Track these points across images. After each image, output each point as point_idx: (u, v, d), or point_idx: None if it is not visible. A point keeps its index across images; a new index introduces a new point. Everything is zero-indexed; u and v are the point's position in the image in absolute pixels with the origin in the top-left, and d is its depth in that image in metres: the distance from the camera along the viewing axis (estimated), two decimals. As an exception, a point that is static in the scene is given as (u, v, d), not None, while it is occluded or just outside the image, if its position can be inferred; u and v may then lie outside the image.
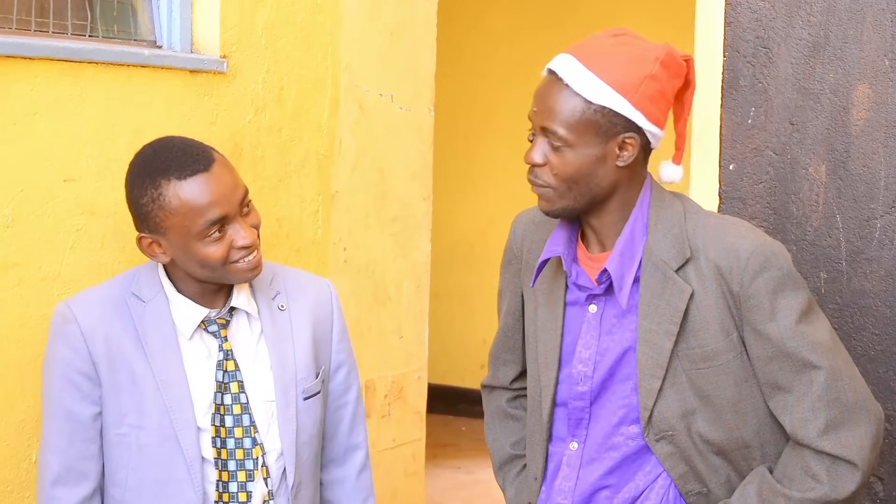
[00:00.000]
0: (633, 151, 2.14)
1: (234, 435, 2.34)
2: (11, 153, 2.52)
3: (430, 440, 4.37)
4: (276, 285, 2.46)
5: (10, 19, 2.65)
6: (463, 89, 6.61)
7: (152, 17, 3.01)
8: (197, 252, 2.27)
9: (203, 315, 2.35)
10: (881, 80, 2.66)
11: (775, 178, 2.77)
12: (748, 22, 2.79)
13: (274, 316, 2.42)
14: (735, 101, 2.81)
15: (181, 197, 2.24)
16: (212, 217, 2.25)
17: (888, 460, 2.68)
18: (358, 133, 3.65)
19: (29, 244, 2.56)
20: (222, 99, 3.04)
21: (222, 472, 2.34)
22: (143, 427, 2.31)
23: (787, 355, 2.11)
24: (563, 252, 2.22)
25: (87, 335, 2.31)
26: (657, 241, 2.17)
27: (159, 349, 2.33)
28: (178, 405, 2.31)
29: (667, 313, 2.15)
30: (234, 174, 2.32)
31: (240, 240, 2.28)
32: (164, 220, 2.26)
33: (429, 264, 4.11)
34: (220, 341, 2.36)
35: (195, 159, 2.27)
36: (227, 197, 2.27)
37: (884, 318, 2.67)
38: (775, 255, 2.14)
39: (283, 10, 3.26)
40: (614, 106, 2.11)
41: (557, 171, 2.13)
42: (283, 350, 2.41)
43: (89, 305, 2.34)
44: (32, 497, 2.59)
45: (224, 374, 2.35)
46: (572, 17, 6.46)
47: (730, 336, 2.15)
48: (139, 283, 2.37)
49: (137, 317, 2.33)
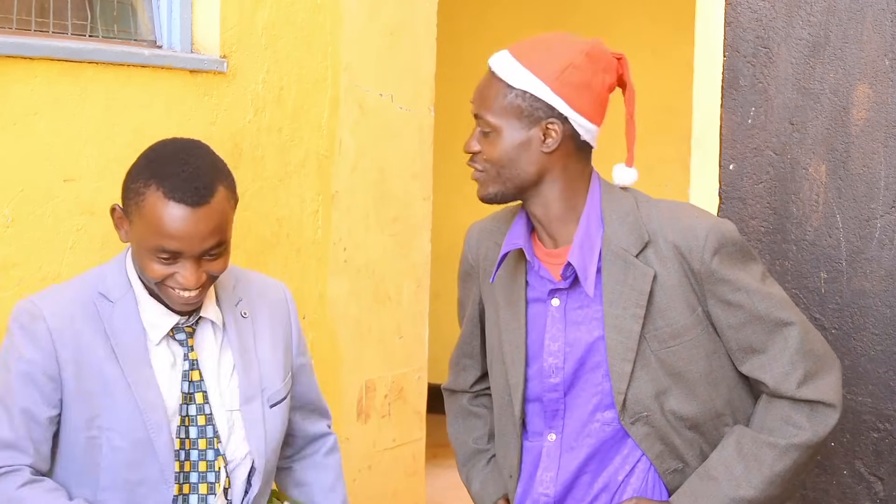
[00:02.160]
0: (556, 137, 2.23)
1: (197, 447, 2.30)
2: (11, 153, 2.52)
3: (430, 440, 4.37)
4: (239, 291, 2.42)
5: (10, 19, 2.65)
6: (463, 89, 6.59)
7: (152, 17, 3.01)
8: (142, 259, 2.24)
9: (174, 322, 2.31)
10: (881, 80, 2.66)
11: (775, 178, 2.77)
12: (748, 22, 2.79)
13: (238, 324, 2.39)
14: (735, 101, 2.81)
15: (155, 211, 2.19)
16: (166, 246, 2.20)
17: (888, 460, 2.68)
18: (358, 133, 3.65)
19: (29, 244, 2.56)
20: (222, 99, 3.04)
21: (183, 485, 2.30)
22: (114, 429, 2.26)
23: (760, 318, 2.22)
24: (524, 244, 2.29)
25: (55, 337, 2.25)
26: (614, 231, 2.26)
27: (129, 351, 2.28)
28: (150, 407, 2.27)
29: (632, 297, 2.23)
30: (218, 222, 2.23)
31: (180, 278, 2.22)
32: (133, 214, 2.24)
33: (429, 264, 4.11)
34: (187, 350, 2.32)
35: (192, 191, 2.20)
36: (193, 240, 2.20)
37: (884, 318, 2.67)
38: (730, 232, 2.25)
39: (283, 10, 3.26)
40: (534, 90, 2.21)
41: (487, 155, 2.25)
42: (248, 359, 2.38)
43: (58, 307, 2.28)
44: (32, 497, 2.58)
45: (189, 385, 2.31)
46: (572, 17, 6.46)
47: (695, 311, 2.23)
48: (106, 282, 2.32)
49: (106, 318, 2.28)
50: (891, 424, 2.67)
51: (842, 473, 2.73)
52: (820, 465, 2.75)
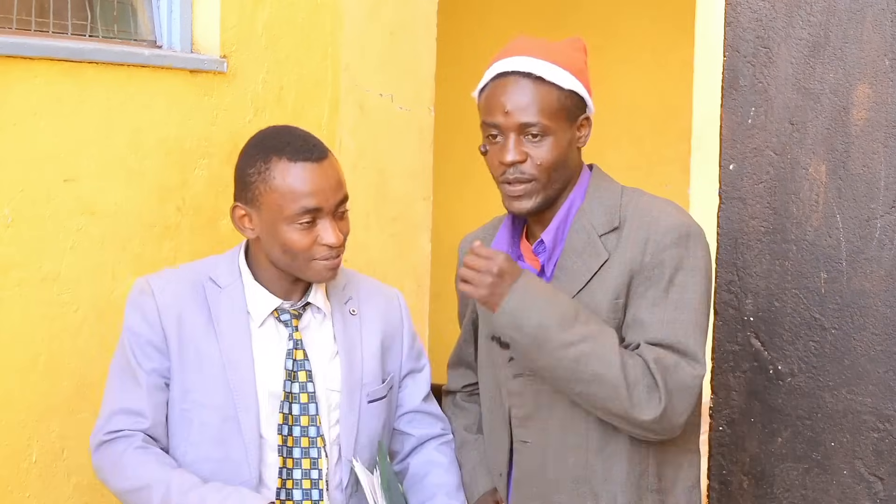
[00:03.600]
0: (587, 131, 2.33)
1: (300, 423, 2.39)
2: (12, 153, 2.52)
3: (430, 440, 4.36)
4: (349, 290, 2.51)
5: (10, 19, 2.65)
6: (463, 89, 6.58)
7: (152, 17, 3.01)
8: (283, 235, 2.32)
9: (276, 304, 2.41)
10: (881, 80, 2.66)
11: (775, 178, 2.77)
12: (748, 22, 2.79)
13: (345, 319, 2.47)
14: (735, 101, 2.81)
15: (286, 177, 2.31)
16: (307, 205, 2.30)
17: (888, 460, 2.68)
18: (358, 133, 3.65)
19: (29, 244, 2.56)
20: (222, 99, 3.04)
21: (287, 458, 2.38)
22: (205, 405, 2.36)
23: (665, 323, 2.24)
24: (506, 250, 2.36)
25: (161, 310, 2.37)
26: (591, 207, 2.32)
27: (229, 332, 2.38)
28: (241, 387, 2.36)
29: (580, 271, 2.28)
30: (340, 176, 2.39)
31: (326, 237, 2.33)
32: (262, 195, 2.33)
33: (429, 264, 4.11)
34: (291, 330, 2.41)
35: (311, 148, 2.34)
36: (327, 192, 2.33)
37: (884, 318, 2.67)
38: (692, 237, 2.27)
39: (283, 10, 3.26)
40: (578, 89, 2.29)
41: (541, 160, 2.27)
42: (352, 352, 2.45)
43: (166, 283, 2.41)
44: (32, 497, 2.59)
45: (293, 363, 2.39)
46: (572, 17, 6.47)
47: (617, 300, 2.26)
48: (218, 269, 2.44)
49: (212, 300, 2.40)
50: (891, 424, 2.67)
51: (842, 473, 2.73)
52: (820, 465, 2.75)
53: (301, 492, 2.38)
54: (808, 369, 2.75)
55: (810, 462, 2.76)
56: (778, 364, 2.78)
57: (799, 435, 2.77)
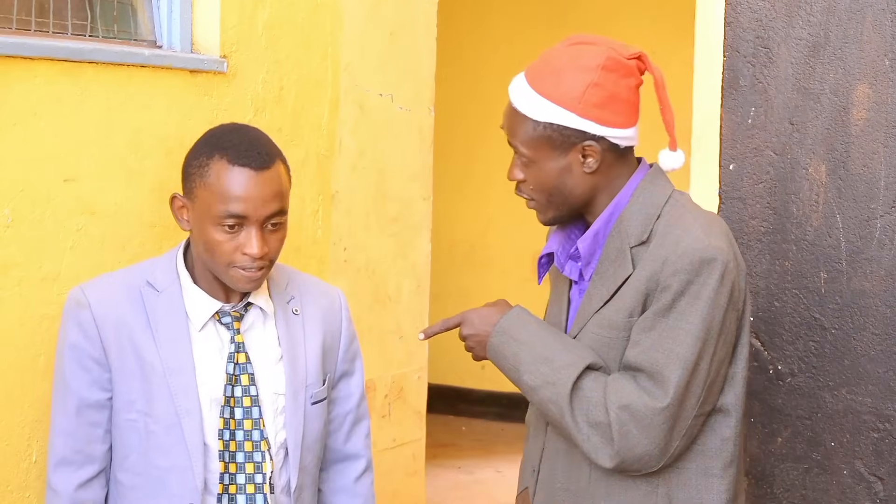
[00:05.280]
0: (596, 157, 2.20)
1: (243, 427, 2.36)
2: (12, 153, 2.52)
3: (430, 440, 4.37)
4: (291, 289, 2.49)
5: (10, 19, 2.65)
6: (463, 89, 6.60)
7: (152, 17, 3.00)
8: (207, 233, 2.30)
9: (216, 307, 2.38)
10: (881, 80, 2.66)
11: (775, 178, 2.77)
12: (748, 22, 2.79)
13: (288, 318, 2.45)
14: (735, 101, 2.81)
15: (220, 178, 2.28)
16: (233, 210, 2.28)
17: (888, 460, 2.68)
18: (358, 133, 3.65)
19: (29, 244, 2.56)
20: (222, 99, 3.04)
21: (229, 463, 2.35)
22: (150, 413, 2.34)
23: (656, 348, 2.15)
24: (556, 249, 2.31)
25: (98, 321, 2.34)
26: (631, 213, 2.23)
27: (169, 337, 2.35)
28: (182, 392, 2.33)
29: (609, 280, 2.22)
30: (280, 189, 2.32)
31: (248, 247, 2.29)
32: (196, 189, 2.32)
33: (429, 264, 4.11)
34: (233, 333, 2.38)
35: (254, 156, 2.30)
36: (257, 202, 2.28)
37: (884, 318, 2.67)
38: (707, 264, 2.14)
39: (283, 10, 3.26)
40: (560, 121, 2.17)
41: (533, 184, 2.24)
42: (295, 353, 2.43)
43: (103, 291, 2.38)
44: (33, 497, 2.59)
45: (235, 367, 2.37)
46: (572, 16, 6.47)
47: (631, 318, 2.19)
48: (155, 272, 2.40)
49: (150, 305, 2.36)
50: (891, 424, 2.67)
51: (842, 473, 2.73)
52: (820, 465, 2.75)
53: (245, 497, 2.36)
54: (808, 369, 2.75)
55: (810, 462, 2.77)
56: (778, 364, 2.78)
57: (799, 435, 2.77)
